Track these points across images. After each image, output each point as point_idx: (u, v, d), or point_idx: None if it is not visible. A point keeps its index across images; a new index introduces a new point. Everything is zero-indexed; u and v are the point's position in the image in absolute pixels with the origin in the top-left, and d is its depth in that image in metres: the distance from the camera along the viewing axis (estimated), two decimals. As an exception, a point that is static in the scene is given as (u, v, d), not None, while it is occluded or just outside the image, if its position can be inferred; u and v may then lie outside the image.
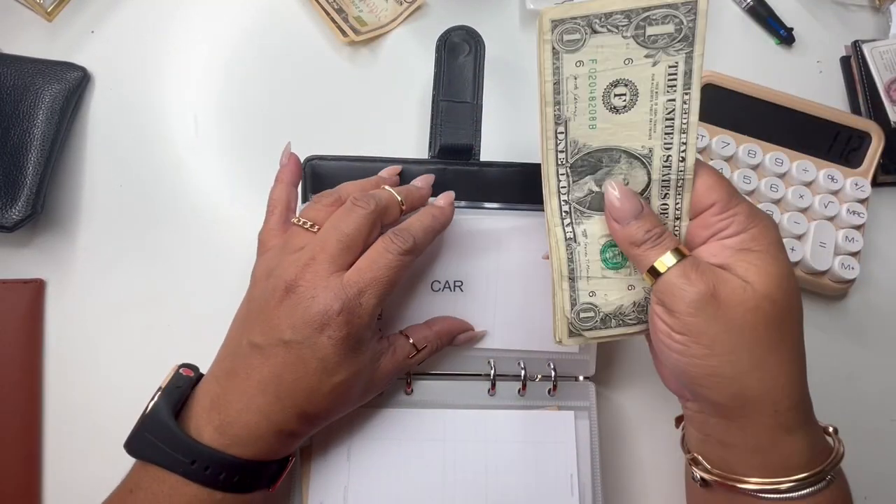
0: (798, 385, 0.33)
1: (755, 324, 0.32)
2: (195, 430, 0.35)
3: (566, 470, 0.42)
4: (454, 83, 0.46)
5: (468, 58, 0.46)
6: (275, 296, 0.35)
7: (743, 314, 0.32)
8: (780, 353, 0.33)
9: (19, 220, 0.45)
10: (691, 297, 0.32)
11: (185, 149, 0.51)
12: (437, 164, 0.45)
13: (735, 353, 0.32)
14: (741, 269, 0.33)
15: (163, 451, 0.34)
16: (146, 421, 0.35)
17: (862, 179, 0.52)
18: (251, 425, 0.35)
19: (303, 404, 0.35)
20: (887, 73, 0.55)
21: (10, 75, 0.48)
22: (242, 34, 0.54)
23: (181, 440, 0.34)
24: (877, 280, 0.54)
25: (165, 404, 0.36)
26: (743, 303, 0.32)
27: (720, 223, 0.34)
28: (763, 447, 0.33)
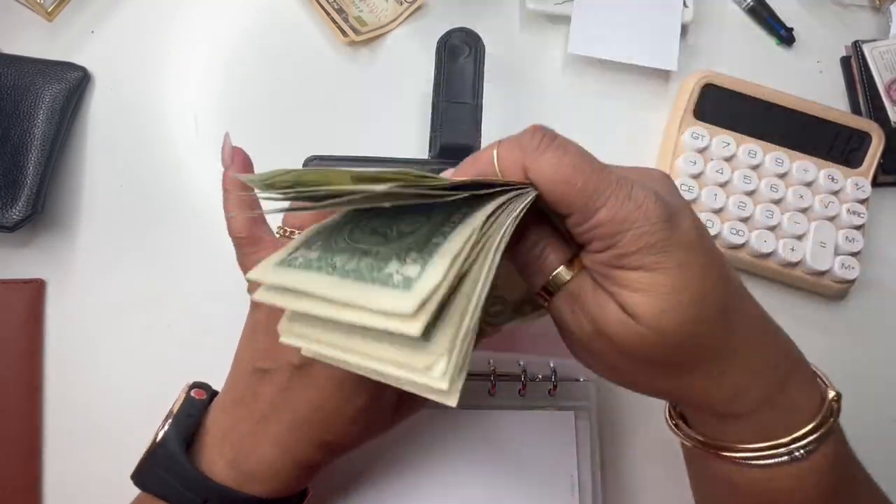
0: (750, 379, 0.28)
1: (651, 359, 0.27)
2: (207, 464, 0.32)
3: (566, 470, 0.42)
4: (454, 84, 0.46)
5: (468, 59, 0.46)
6: (275, 315, 0.31)
7: (631, 352, 0.27)
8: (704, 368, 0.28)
9: (19, 220, 0.45)
10: (574, 334, 0.28)
11: (186, 149, 0.51)
12: (437, 165, 0.45)
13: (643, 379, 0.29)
14: (619, 295, 0.26)
15: (172, 488, 0.31)
16: (155, 452, 0.32)
17: (862, 179, 0.52)
18: (266, 459, 0.32)
19: (322, 433, 0.32)
20: (887, 74, 0.55)
21: (10, 75, 0.48)
22: (243, 34, 0.54)
23: (192, 476, 0.31)
24: (877, 280, 0.53)
25: (175, 434, 0.32)
26: (626, 340, 0.26)
27: (583, 236, 0.27)
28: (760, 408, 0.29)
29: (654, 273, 0.25)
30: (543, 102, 0.54)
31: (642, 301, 0.26)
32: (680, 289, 0.25)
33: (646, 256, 0.25)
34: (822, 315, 0.52)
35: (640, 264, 0.26)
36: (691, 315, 0.26)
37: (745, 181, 0.51)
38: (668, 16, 0.54)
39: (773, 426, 0.28)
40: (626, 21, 0.54)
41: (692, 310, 0.26)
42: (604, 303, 0.27)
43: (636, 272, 0.26)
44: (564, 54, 0.55)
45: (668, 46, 0.54)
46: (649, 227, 0.25)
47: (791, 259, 0.50)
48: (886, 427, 0.51)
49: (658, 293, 0.25)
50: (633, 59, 0.53)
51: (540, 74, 0.55)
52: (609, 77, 0.55)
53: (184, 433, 0.33)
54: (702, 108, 0.52)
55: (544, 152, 0.26)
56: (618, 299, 0.26)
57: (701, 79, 0.52)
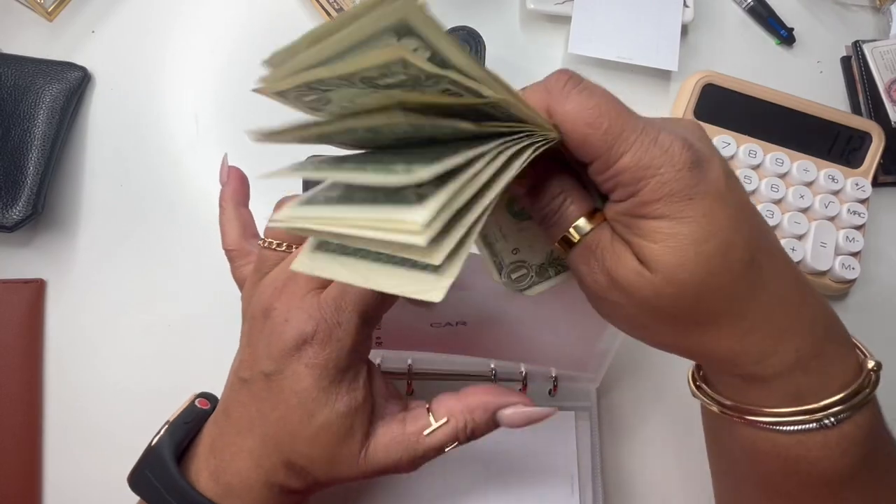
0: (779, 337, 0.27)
1: (668, 312, 0.26)
2: (194, 474, 0.32)
3: (566, 470, 0.42)
4: None
5: None
6: (255, 325, 0.31)
7: (646, 304, 0.26)
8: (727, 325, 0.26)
9: (19, 220, 0.45)
10: (588, 286, 0.28)
11: (186, 149, 0.51)
12: None
13: (662, 333, 0.28)
14: (638, 245, 0.26)
15: (158, 494, 0.31)
16: (148, 457, 0.32)
17: (862, 179, 0.52)
18: (242, 472, 0.31)
19: (287, 451, 0.31)
20: (888, 74, 0.55)
21: (10, 75, 0.48)
22: (243, 34, 0.54)
23: (177, 484, 0.31)
24: (877, 280, 0.53)
25: (170, 441, 0.32)
26: (640, 291, 0.26)
27: (605, 185, 0.26)
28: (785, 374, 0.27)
29: (676, 222, 0.24)
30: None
31: (661, 251, 0.25)
32: (702, 239, 0.24)
33: (669, 204, 0.24)
34: (822, 315, 0.52)
35: (663, 213, 0.25)
36: (713, 267, 0.25)
37: (745, 181, 0.51)
38: (669, 16, 0.54)
39: (803, 391, 0.27)
40: (626, 21, 0.54)
41: (714, 261, 0.25)
42: (620, 253, 0.26)
43: (658, 221, 0.25)
44: (564, 54, 0.55)
45: (668, 46, 0.54)
46: (675, 174, 0.24)
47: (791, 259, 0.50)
48: (887, 427, 0.51)
49: (679, 243, 0.25)
50: (633, 59, 0.53)
51: (540, 74, 0.54)
52: (609, 77, 0.55)
53: (178, 440, 0.33)
54: (702, 108, 0.52)
55: (569, 94, 0.25)
56: (635, 249, 0.26)
57: (701, 79, 0.52)
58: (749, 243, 0.25)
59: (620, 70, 0.55)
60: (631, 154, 0.25)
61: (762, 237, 0.26)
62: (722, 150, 0.51)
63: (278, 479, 0.31)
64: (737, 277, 0.25)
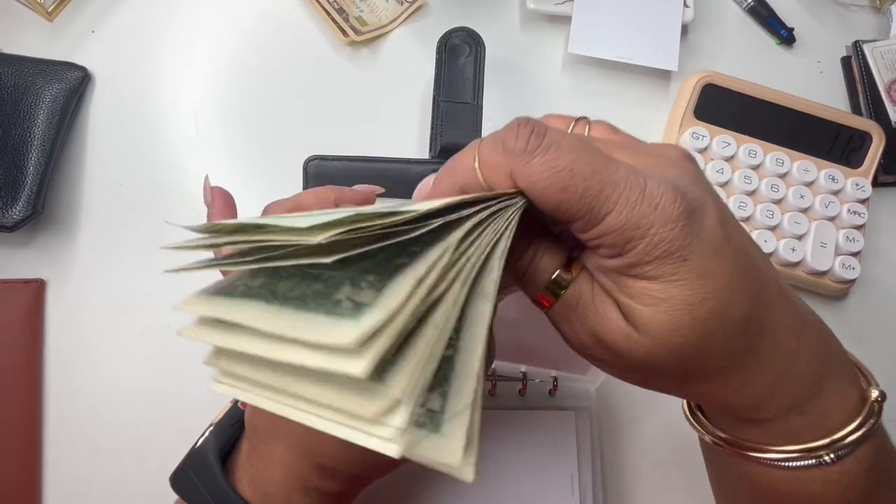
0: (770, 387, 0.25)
1: (659, 371, 0.24)
2: (237, 479, 0.31)
3: (566, 470, 0.42)
4: (455, 84, 0.46)
5: (468, 59, 0.46)
6: None
7: (636, 364, 0.24)
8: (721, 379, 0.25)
9: (19, 220, 0.45)
10: (573, 344, 0.26)
11: (186, 149, 0.51)
12: (438, 164, 0.45)
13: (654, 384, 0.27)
14: (626, 306, 0.23)
15: (201, 496, 0.31)
16: (192, 458, 0.32)
17: (862, 179, 0.52)
18: (278, 481, 0.30)
19: (316, 455, 0.30)
20: (888, 74, 0.55)
21: (10, 75, 0.48)
22: (243, 34, 0.54)
23: (220, 488, 0.31)
24: (877, 280, 0.53)
25: (215, 443, 0.32)
26: (630, 353, 0.24)
27: (589, 244, 0.23)
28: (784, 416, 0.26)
29: (669, 284, 0.22)
30: (543, 102, 0.54)
31: (652, 314, 0.23)
32: (698, 303, 0.22)
33: (661, 266, 0.22)
34: (822, 315, 0.52)
35: (654, 275, 0.22)
36: (708, 329, 0.23)
37: (745, 181, 0.51)
38: (669, 16, 0.54)
39: (801, 431, 0.26)
40: (626, 21, 0.54)
41: (710, 323, 0.23)
42: (605, 311, 0.24)
43: (648, 282, 0.22)
44: (564, 54, 0.55)
45: (668, 46, 0.54)
46: (667, 233, 0.22)
47: (791, 259, 0.50)
48: (886, 427, 0.51)
49: (672, 307, 0.22)
50: (633, 59, 0.53)
51: (540, 74, 0.55)
52: (609, 77, 0.55)
53: (223, 442, 0.32)
54: (702, 108, 0.52)
55: (533, 156, 0.22)
56: (624, 310, 0.23)
57: (701, 79, 0.52)
58: (749, 298, 0.23)
59: (620, 70, 0.55)
60: (615, 214, 0.22)
61: (762, 285, 0.24)
62: (722, 150, 0.51)
63: (313, 483, 0.30)
64: (731, 338, 0.23)
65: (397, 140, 0.52)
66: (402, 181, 0.44)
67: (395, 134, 0.53)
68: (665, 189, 0.22)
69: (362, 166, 0.45)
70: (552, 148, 0.22)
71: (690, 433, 0.33)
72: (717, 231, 0.23)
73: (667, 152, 0.25)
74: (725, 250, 0.23)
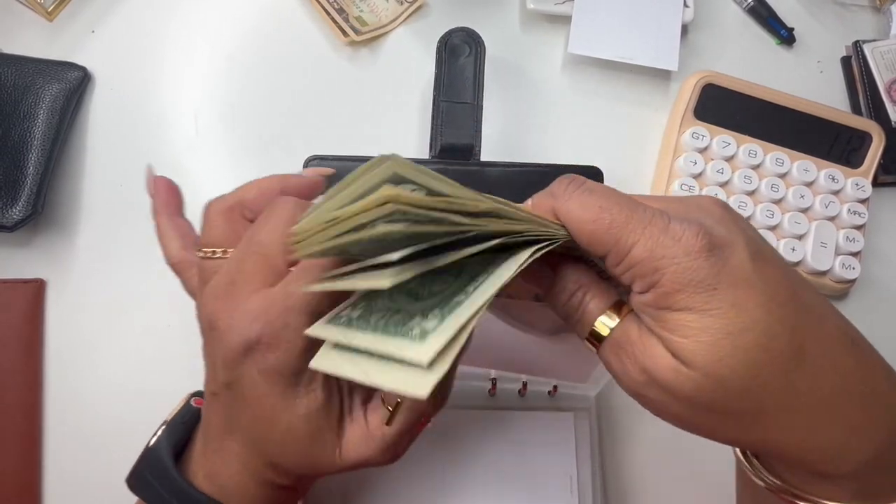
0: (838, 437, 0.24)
1: (713, 408, 0.24)
2: (192, 474, 0.31)
3: (565, 471, 0.42)
4: (455, 84, 0.46)
5: (468, 59, 0.46)
6: (205, 338, 0.30)
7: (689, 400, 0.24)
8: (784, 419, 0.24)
9: (19, 220, 0.45)
10: (626, 385, 0.26)
11: (185, 149, 0.51)
12: (437, 164, 0.45)
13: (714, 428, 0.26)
14: (668, 340, 0.24)
15: (158, 494, 0.31)
16: (147, 457, 0.32)
17: (863, 179, 0.52)
18: (234, 476, 0.31)
19: (267, 451, 0.30)
20: (888, 73, 0.55)
21: (10, 75, 0.48)
22: (243, 34, 0.54)
23: (177, 484, 0.31)
24: (877, 280, 0.53)
25: (167, 441, 0.32)
26: (681, 389, 0.24)
27: (623, 278, 0.25)
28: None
29: (703, 314, 0.23)
30: (543, 102, 0.54)
31: (694, 346, 0.23)
32: (736, 332, 0.23)
33: (692, 296, 0.23)
34: (822, 315, 0.52)
35: (688, 304, 0.23)
36: (754, 360, 0.23)
37: (745, 181, 0.51)
38: (669, 16, 0.54)
39: (878, 489, 0.25)
40: (626, 21, 0.54)
41: (755, 355, 0.23)
42: (653, 348, 0.25)
43: (684, 313, 0.23)
44: (564, 54, 0.55)
45: (668, 46, 0.54)
46: (690, 262, 0.23)
47: (791, 259, 0.50)
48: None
49: (712, 338, 0.23)
50: (633, 59, 0.53)
51: (540, 74, 0.55)
52: (609, 77, 0.55)
53: (175, 440, 0.32)
54: (702, 108, 0.52)
55: (571, 194, 0.26)
56: (667, 344, 0.24)
57: (701, 79, 0.52)
58: (794, 331, 0.23)
59: (620, 70, 0.55)
60: (641, 245, 0.24)
61: (811, 321, 0.24)
62: (722, 150, 0.51)
63: (268, 476, 0.31)
64: (784, 369, 0.23)
65: (397, 140, 0.52)
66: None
67: (395, 134, 0.53)
68: (688, 226, 0.24)
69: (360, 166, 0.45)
70: (587, 190, 0.26)
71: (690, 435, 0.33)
72: (747, 264, 0.24)
73: (699, 201, 0.26)
74: (758, 284, 0.23)
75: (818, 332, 0.24)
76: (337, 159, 0.45)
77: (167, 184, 0.37)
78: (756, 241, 0.25)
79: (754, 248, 0.24)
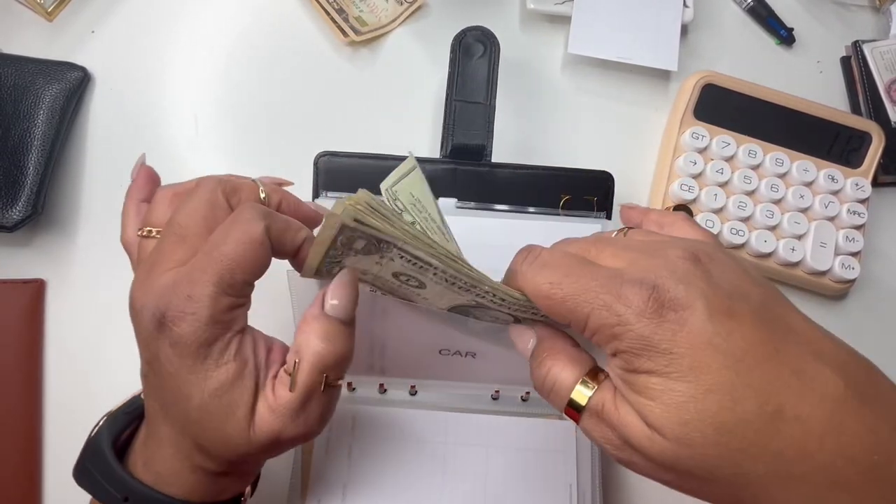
0: None
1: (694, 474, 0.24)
2: (132, 464, 0.31)
3: (565, 479, 0.42)
4: (468, 84, 0.45)
5: (482, 59, 0.46)
6: (132, 321, 0.30)
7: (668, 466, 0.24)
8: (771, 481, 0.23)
9: (19, 220, 0.45)
10: (611, 454, 0.26)
11: (186, 149, 0.51)
12: (448, 164, 0.45)
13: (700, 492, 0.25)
14: (638, 404, 0.24)
15: (98, 484, 0.31)
16: (87, 449, 0.32)
17: (862, 179, 0.52)
18: (167, 460, 0.30)
19: (192, 433, 0.29)
20: (888, 74, 0.55)
21: (10, 75, 0.48)
22: (243, 34, 0.54)
23: (115, 474, 0.30)
24: (877, 280, 0.53)
25: (108, 432, 0.32)
26: (657, 456, 0.24)
27: (593, 343, 0.26)
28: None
29: (666, 378, 0.23)
30: (543, 102, 0.54)
31: (661, 410, 0.23)
32: (700, 395, 0.22)
33: (652, 359, 0.23)
34: (822, 315, 0.52)
35: (650, 367, 0.23)
36: (722, 422, 0.22)
37: (745, 181, 0.51)
38: (669, 16, 0.54)
39: None
40: (626, 21, 0.54)
41: (722, 417, 0.22)
42: (627, 416, 0.25)
43: (650, 376, 0.23)
44: (564, 54, 0.55)
45: (668, 46, 0.54)
46: (643, 328, 0.23)
47: (791, 259, 0.50)
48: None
49: (676, 401, 0.23)
50: (633, 59, 0.53)
51: (540, 74, 0.55)
52: (609, 77, 0.55)
53: (116, 431, 0.32)
54: (702, 108, 0.52)
55: (525, 272, 0.27)
56: (637, 409, 0.24)
57: (701, 79, 0.52)
58: (769, 392, 0.22)
59: (620, 70, 0.55)
60: (595, 315, 0.24)
61: (794, 379, 0.23)
62: (722, 150, 0.51)
63: (197, 461, 0.30)
64: (762, 433, 0.22)
65: (401, 140, 0.52)
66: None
67: (397, 133, 0.53)
68: (640, 289, 0.24)
69: (372, 163, 0.45)
70: (537, 264, 0.27)
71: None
72: (706, 325, 0.23)
73: (668, 253, 0.26)
74: (720, 343, 0.23)
75: (804, 390, 0.23)
76: (347, 156, 0.46)
77: (148, 172, 0.37)
78: (723, 299, 0.24)
79: (718, 306, 0.24)
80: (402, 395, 0.43)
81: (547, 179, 0.45)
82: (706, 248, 0.26)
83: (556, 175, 0.46)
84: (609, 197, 0.45)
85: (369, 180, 0.41)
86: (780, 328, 0.24)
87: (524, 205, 0.44)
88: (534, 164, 0.46)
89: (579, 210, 0.45)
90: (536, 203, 0.45)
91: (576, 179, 0.45)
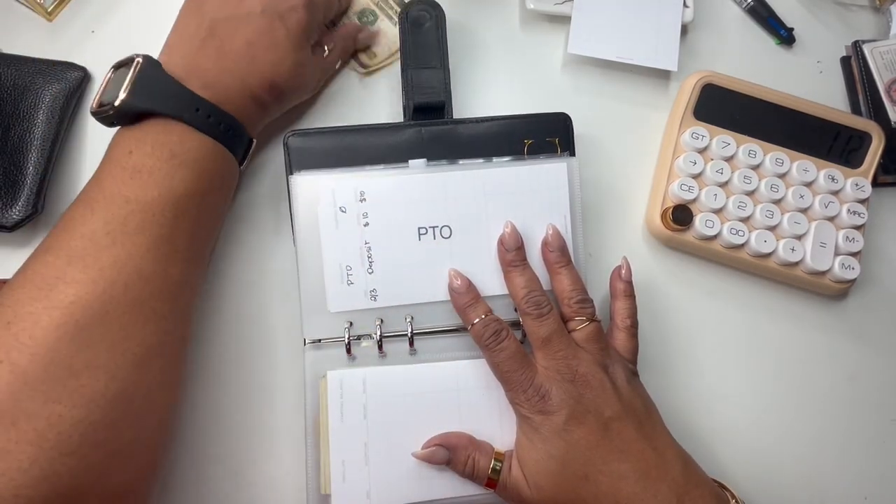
0: None
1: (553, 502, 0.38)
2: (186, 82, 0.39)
3: None
4: (420, 51, 0.48)
5: (430, 26, 0.49)
6: None
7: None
8: None
9: (19, 220, 0.45)
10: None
11: (185, 149, 0.51)
12: (413, 126, 0.47)
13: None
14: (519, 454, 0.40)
15: (169, 100, 0.37)
16: (141, 75, 0.38)
17: (862, 179, 0.52)
18: (230, 88, 0.40)
19: (271, 74, 0.41)
20: (888, 74, 0.55)
21: (10, 75, 0.48)
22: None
23: (182, 90, 0.38)
24: (877, 280, 0.54)
25: (152, 65, 0.39)
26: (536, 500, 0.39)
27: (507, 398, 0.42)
28: None
29: (533, 441, 0.39)
30: (543, 102, 0.54)
31: (526, 458, 0.39)
32: (546, 457, 0.38)
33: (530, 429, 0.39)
34: (822, 315, 0.52)
35: (527, 432, 0.40)
36: (555, 475, 0.38)
37: (745, 181, 0.51)
38: (669, 16, 0.54)
39: None
40: (626, 21, 0.54)
41: (556, 472, 0.38)
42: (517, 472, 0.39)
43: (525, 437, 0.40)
44: (564, 54, 0.55)
45: (668, 46, 0.54)
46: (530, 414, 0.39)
47: (791, 259, 0.50)
48: (886, 427, 0.51)
49: (536, 457, 0.39)
50: (632, 59, 0.53)
51: (540, 74, 0.55)
52: (609, 77, 0.55)
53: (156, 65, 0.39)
54: (702, 108, 0.52)
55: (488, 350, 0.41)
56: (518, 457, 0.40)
57: (701, 79, 0.52)
58: (582, 464, 0.38)
59: (620, 70, 0.55)
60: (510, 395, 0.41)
61: (600, 462, 0.38)
62: (722, 150, 0.51)
63: (260, 93, 0.42)
64: (576, 487, 0.38)
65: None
66: (385, 147, 0.46)
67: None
68: (535, 391, 0.39)
69: (342, 137, 0.45)
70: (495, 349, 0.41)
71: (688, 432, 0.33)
72: (560, 424, 0.38)
73: (568, 370, 0.39)
74: (564, 434, 0.38)
75: (603, 468, 0.38)
76: (317, 132, 0.46)
77: None
78: (581, 411, 0.38)
79: (574, 415, 0.38)
80: (402, 353, 0.44)
81: (508, 127, 0.47)
82: (592, 375, 0.39)
83: (515, 122, 0.47)
84: (570, 136, 0.48)
85: (343, 155, 0.46)
86: (609, 436, 0.38)
87: (491, 155, 0.46)
88: (494, 116, 0.47)
89: (544, 152, 0.47)
90: (503, 152, 0.47)
91: (535, 124, 0.48)
